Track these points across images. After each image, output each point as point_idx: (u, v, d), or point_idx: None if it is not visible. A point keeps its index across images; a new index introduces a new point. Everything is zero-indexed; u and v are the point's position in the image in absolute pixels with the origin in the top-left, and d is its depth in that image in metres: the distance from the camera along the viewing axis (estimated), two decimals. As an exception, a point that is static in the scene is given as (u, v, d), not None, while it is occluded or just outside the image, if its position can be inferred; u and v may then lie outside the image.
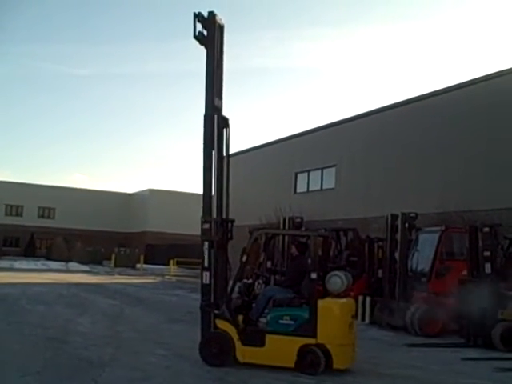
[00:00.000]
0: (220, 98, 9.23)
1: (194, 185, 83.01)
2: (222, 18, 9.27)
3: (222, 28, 9.33)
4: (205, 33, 9.04)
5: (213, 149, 8.97)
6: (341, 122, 27.69)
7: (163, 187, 63.73)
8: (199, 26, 8.98)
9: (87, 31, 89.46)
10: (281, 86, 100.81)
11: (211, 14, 9.04)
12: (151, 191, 61.82)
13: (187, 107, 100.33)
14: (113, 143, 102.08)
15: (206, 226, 8.70)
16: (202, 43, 9.07)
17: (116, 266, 42.72)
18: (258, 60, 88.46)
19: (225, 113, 9.24)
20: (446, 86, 21.65)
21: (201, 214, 8.96)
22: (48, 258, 49.32)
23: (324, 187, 28.26)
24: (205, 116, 9.02)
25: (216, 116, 9.01)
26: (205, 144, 8.97)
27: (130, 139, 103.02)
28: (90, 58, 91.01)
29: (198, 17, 8.94)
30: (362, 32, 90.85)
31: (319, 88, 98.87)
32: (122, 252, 46.92)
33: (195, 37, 8.97)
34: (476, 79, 20.37)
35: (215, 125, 8.99)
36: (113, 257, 44.44)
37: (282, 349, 8.14)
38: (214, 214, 8.85)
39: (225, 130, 9.18)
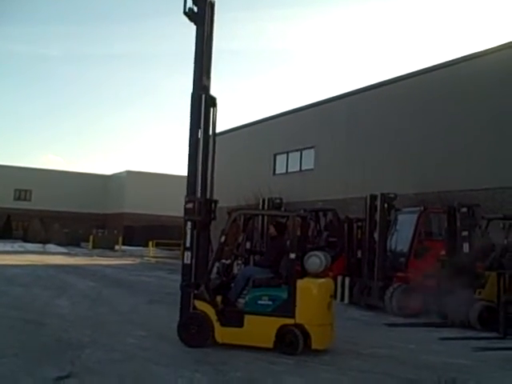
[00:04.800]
0: (208, 76, 9.12)
1: (173, 166, 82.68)
2: None
3: (212, 5, 9.16)
4: (195, 9, 8.89)
5: (199, 128, 8.88)
6: (319, 103, 27.58)
7: (141, 169, 63.31)
8: (189, 2, 8.84)
9: (57, 11, 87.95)
10: (259, 67, 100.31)
11: None
12: (129, 173, 61.32)
13: (167, 86, 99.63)
14: (89, 125, 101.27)
15: (190, 205, 8.62)
16: (191, 20, 8.93)
17: (94, 247, 42.48)
18: (232, 41, 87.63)
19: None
20: (424, 67, 21.65)
21: (178, 195, 8.86)
22: (25, 240, 48.89)
23: (303, 168, 28.23)
24: (192, 95, 8.90)
25: (204, 95, 8.90)
26: (191, 123, 8.86)
27: (107, 120, 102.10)
28: (60, 39, 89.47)
29: None
30: (339, 11, 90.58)
31: (298, 68, 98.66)
32: (100, 233, 46.64)
33: (185, 13, 8.83)
34: (453, 60, 20.37)
35: (202, 104, 8.88)
36: (91, 238, 44.17)
37: (260, 329, 8.13)
38: (198, 194, 8.77)
39: (212, 109, 9.08)
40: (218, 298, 8.51)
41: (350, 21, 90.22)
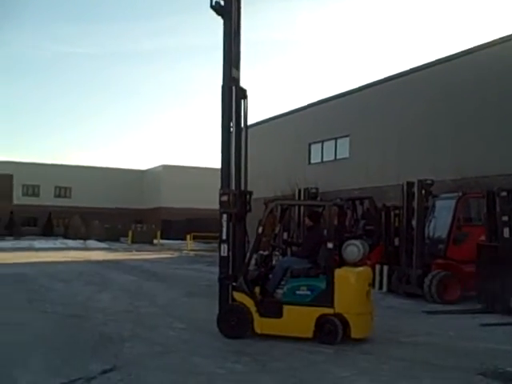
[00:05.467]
0: (237, 68, 9.11)
1: (208, 159, 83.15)
2: None
3: None
4: (222, 2, 8.90)
5: (231, 120, 8.89)
6: (353, 92, 27.33)
7: (176, 163, 63.79)
8: None
9: (82, 10, 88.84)
10: (290, 56, 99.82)
11: None
12: (164, 167, 61.93)
13: (196, 81, 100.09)
14: (123, 121, 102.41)
15: (225, 198, 8.63)
16: (218, 13, 8.93)
17: (133, 242, 42.97)
18: (260, 33, 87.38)
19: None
20: (456, 52, 21.32)
21: (215, 188, 8.91)
22: (66, 237, 49.80)
23: (338, 157, 28.06)
24: (222, 87, 8.92)
25: (234, 87, 8.92)
26: (223, 115, 8.89)
27: (140, 116, 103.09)
28: (89, 37, 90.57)
29: None
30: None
31: (329, 59, 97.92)
32: (139, 228, 47.20)
33: (211, 6, 8.83)
34: (485, 44, 19.99)
35: (233, 96, 8.89)
36: (130, 233, 44.69)
37: (299, 319, 8.15)
38: (233, 186, 8.81)
39: (243, 101, 9.10)
40: (257, 290, 8.56)
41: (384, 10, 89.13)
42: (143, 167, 68.93)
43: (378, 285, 14.53)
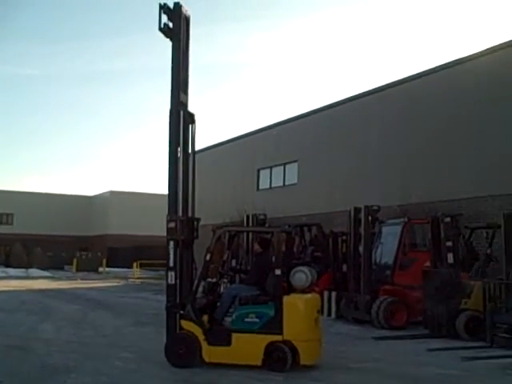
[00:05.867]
0: (186, 92, 9.10)
1: (157, 186, 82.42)
2: (187, 9, 9.10)
3: (187, 20, 9.17)
4: (170, 25, 8.88)
5: (178, 145, 8.84)
6: (300, 117, 27.56)
7: (124, 189, 62.94)
8: (164, 18, 8.82)
9: (34, 29, 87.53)
10: (239, 80, 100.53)
11: (177, 5, 8.87)
12: (112, 193, 60.95)
13: (147, 104, 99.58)
14: (69, 145, 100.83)
15: (172, 224, 8.55)
16: (167, 36, 8.91)
17: (78, 270, 41.99)
18: (206, 55, 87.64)
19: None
20: (404, 77, 21.71)
21: (163, 215, 8.81)
22: (7, 265, 48.29)
23: (287, 183, 28.18)
24: (170, 111, 8.87)
25: (182, 111, 8.88)
26: (170, 140, 8.83)
27: (87, 140, 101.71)
28: (38, 58, 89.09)
29: (163, 8, 8.76)
30: (316, 16, 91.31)
31: (281, 82, 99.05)
32: (84, 256, 46.18)
33: (160, 29, 8.80)
34: (433, 68, 20.34)
35: (181, 120, 8.85)
36: (74, 261, 43.69)
37: (248, 347, 8.08)
38: (180, 213, 8.72)
39: (191, 125, 9.07)
40: (205, 318, 8.44)
41: (328, 29, 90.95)
42: (91, 193, 67.89)
43: (327, 311, 14.59)
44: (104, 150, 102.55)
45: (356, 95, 24.26)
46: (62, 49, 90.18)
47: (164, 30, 8.84)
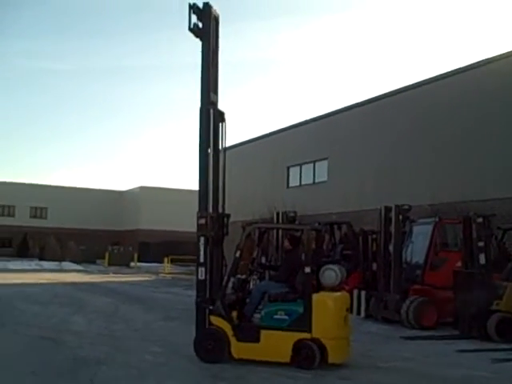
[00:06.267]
0: (215, 92, 9.15)
1: (187, 181, 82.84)
2: (217, 8, 9.12)
3: (217, 19, 9.19)
4: (200, 25, 8.93)
5: (209, 143, 8.90)
6: (331, 114, 27.43)
7: (154, 184, 63.46)
8: (194, 18, 8.87)
9: (61, 25, 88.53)
10: (267, 77, 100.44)
11: (207, 5, 8.91)
12: (142, 188, 61.53)
13: (179, 101, 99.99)
14: (101, 140, 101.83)
15: (202, 221, 8.63)
16: (197, 36, 8.96)
17: (110, 264, 42.56)
18: (239, 53, 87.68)
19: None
20: (436, 75, 21.53)
21: (193, 210, 8.89)
22: (41, 258, 49.11)
23: (316, 180, 28.14)
24: (200, 110, 8.94)
25: (212, 110, 8.94)
26: (200, 139, 8.90)
27: (119, 136, 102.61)
28: (68, 53, 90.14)
29: (193, 8, 8.82)
30: (357, 18, 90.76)
31: (310, 79, 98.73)
32: (116, 250, 46.80)
33: (190, 29, 8.85)
34: (467, 66, 20.18)
35: (211, 119, 8.90)
36: (106, 255, 44.28)
37: (276, 344, 8.11)
38: (210, 209, 8.79)
39: (221, 124, 9.12)
40: (234, 314, 8.50)
41: (355, 28, 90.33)
42: (122, 188, 68.55)
43: (356, 310, 14.51)
44: (137, 145, 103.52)
45: (387, 93, 24.13)
46: (87, 44, 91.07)
47: (194, 29, 8.89)
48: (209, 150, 8.90)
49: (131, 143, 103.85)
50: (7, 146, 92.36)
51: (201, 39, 8.99)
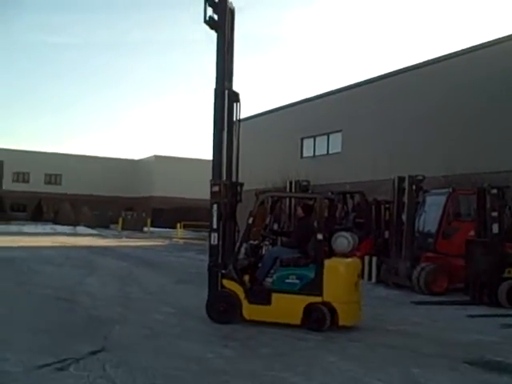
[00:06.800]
0: (230, 81, 9.11)
1: (200, 150, 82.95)
2: (232, 1, 9.11)
3: (232, 12, 9.18)
4: (215, 17, 8.90)
5: (223, 123, 8.93)
6: (346, 88, 27.54)
7: (168, 153, 63.75)
8: (209, 11, 8.84)
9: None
10: (286, 52, 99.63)
11: None
12: (157, 157, 61.87)
13: (192, 73, 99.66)
14: (116, 110, 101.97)
15: (216, 188, 8.73)
16: (212, 28, 8.95)
17: (123, 229, 42.87)
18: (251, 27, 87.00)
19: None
20: (449, 52, 21.49)
21: (206, 179, 8.97)
22: (55, 223, 49.58)
23: (330, 152, 28.16)
24: (215, 91, 8.95)
25: (227, 91, 8.95)
26: (215, 118, 8.94)
27: (132, 105, 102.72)
28: (86, 27, 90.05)
29: (208, 1, 8.79)
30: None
31: (324, 54, 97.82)
32: (129, 216, 47.11)
33: (205, 21, 8.84)
34: (479, 45, 20.17)
35: (225, 100, 8.93)
36: (120, 220, 44.59)
37: (287, 307, 8.21)
38: (224, 177, 8.86)
39: (235, 104, 9.13)
40: (246, 278, 8.60)
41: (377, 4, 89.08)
42: (136, 157, 68.84)
43: (367, 276, 14.62)
44: (151, 115, 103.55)
45: (400, 69, 24.26)
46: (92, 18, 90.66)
47: (209, 22, 8.87)
48: (224, 124, 8.93)
49: (148, 113, 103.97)
50: (19, 114, 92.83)
51: (216, 31, 8.95)
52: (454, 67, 20.94)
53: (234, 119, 9.16)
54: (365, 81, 26.37)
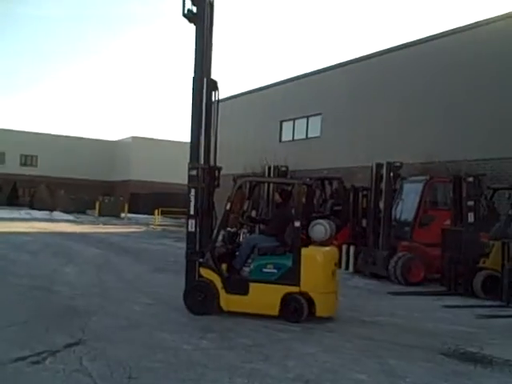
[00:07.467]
0: (209, 69, 9.00)
1: (179, 132, 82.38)
2: None
3: (212, 4, 9.02)
4: (194, 10, 8.75)
5: (201, 110, 8.81)
6: (326, 70, 27.32)
7: (146, 135, 62.97)
8: (188, 3, 8.71)
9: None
10: (266, 30, 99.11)
11: None
12: (134, 139, 60.95)
13: (174, 52, 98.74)
14: (92, 89, 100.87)
15: (193, 172, 8.63)
16: (191, 21, 8.80)
17: (100, 215, 42.55)
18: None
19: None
20: (430, 35, 21.41)
21: (185, 162, 8.87)
22: (31, 207, 48.99)
23: (309, 136, 28.08)
24: (193, 79, 8.83)
25: (205, 79, 8.84)
26: (193, 107, 8.81)
27: (110, 85, 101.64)
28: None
29: None
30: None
31: (305, 34, 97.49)
32: (107, 201, 46.69)
33: (184, 15, 8.70)
34: (462, 27, 20.11)
35: (204, 88, 8.81)
36: (97, 206, 44.23)
37: (265, 297, 8.21)
38: (202, 161, 8.78)
39: (214, 92, 9.03)
40: (224, 266, 8.58)
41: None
42: (114, 138, 67.90)
43: (345, 265, 14.71)
44: (129, 96, 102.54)
45: (379, 51, 24.14)
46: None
47: (188, 15, 8.74)
48: (202, 105, 8.83)
49: (125, 94, 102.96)
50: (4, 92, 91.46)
51: (195, 24, 8.82)
52: (434, 52, 20.85)
53: (213, 107, 9.05)
54: (344, 62, 26.18)
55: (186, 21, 8.82)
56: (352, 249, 14.86)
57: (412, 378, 5.76)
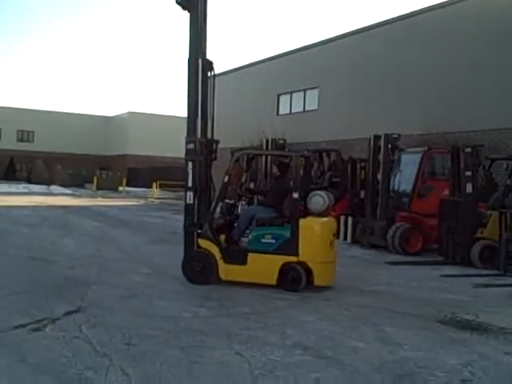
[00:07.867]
0: (204, 57, 8.88)
1: (176, 106, 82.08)
2: None
3: None
4: None
5: (197, 90, 8.77)
6: (323, 43, 27.12)
7: (143, 110, 62.68)
8: None
9: None
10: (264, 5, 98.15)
11: None
12: (130, 114, 60.67)
13: (170, 26, 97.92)
14: (89, 65, 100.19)
15: (191, 146, 8.64)
16: (184, 8, 8.70)
17: (98, 188, 42.52)
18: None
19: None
20: (427, 6, 21.24)
21: (181, 137, 8.86)
22: (29, 182, 48.95)
23: (307, 109, 27.98)
24: (188, 60, 8.78)
25: (200, 60, 8.77)
26: (189, 88, 8.78)
27: (106, 60, 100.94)
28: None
29: None
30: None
31: (302, 6, 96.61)
32: (104, 175, 46.67)
33: (177, 2, 8.61)
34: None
35: (199, 69, 8.75)
36: (95, 180, 44.20)
37: (263, 267, 8.25)
38: (199, 135, 8.77)
39: (210, 72, 8.96)
40: (222, 237, 8.61)
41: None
42: (110, 114, 67.65)
43: (343, 236, 14.76)
44: (125, 71, 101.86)
45: (377, 23, 23.94)
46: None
47: (182, 3, 8.65)
48: (198, 79, 8.78)
49: (122, 69, 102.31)
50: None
51: (188, 11, 8.72)
52: (432, 22, 20.68)
53: (209, 82, 8.99)
54: (340, 35, 26.00)
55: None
56: (350, 220, 14.90)
57: (409, 346, 5.80)
